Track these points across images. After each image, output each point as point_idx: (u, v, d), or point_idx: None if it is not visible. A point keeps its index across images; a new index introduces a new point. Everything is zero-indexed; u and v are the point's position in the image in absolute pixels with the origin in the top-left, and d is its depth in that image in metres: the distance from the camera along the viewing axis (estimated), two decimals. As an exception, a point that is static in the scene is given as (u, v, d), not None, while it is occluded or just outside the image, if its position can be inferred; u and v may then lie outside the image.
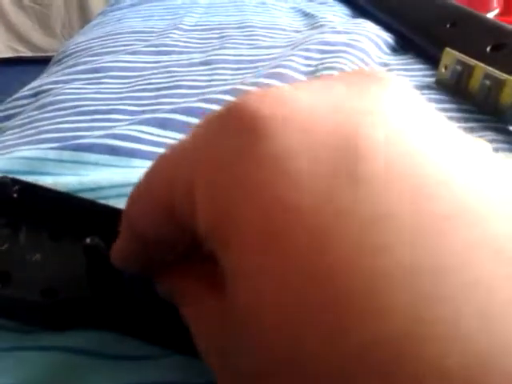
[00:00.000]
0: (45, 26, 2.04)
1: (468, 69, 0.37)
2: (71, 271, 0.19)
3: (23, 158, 0.30)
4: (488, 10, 0.52)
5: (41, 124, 0.36)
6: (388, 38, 0.49)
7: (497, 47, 0.39)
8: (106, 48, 0.50)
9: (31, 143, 0.34)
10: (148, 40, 0.51)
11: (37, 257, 0.20)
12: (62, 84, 0.43)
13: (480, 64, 0.37)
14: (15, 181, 0.22)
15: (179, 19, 0.57)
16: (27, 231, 0.21)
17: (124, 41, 0.52)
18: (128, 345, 0.19)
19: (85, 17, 1.94)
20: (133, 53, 0.48)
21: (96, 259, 0.18)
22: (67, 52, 0.53)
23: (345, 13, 0.59)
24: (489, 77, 0.36)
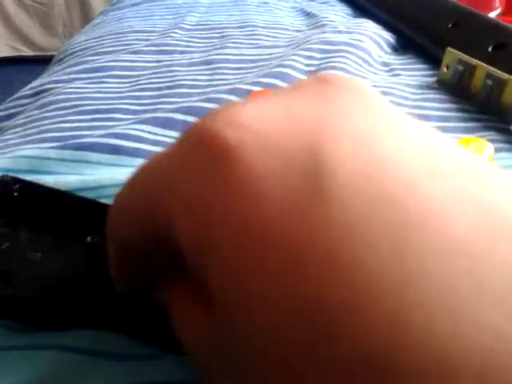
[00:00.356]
0: (46, 26, 2.04)
1: (470, 68, 0.37)
2: (72, 270, 0.19)
3: (24, 157, 0.30)
4: (490, 10, 0.52)
5: (42, 123, 0.36)
6: (389, 38, 0.49)
7: (499, 47, 0.39)
8: (107, 47, 0.50)
9: (32, 142, 0.34)
10: (149, 39, 0.51)
11: (37, 256, 0.20)
12: (63, 83, 0.43)
13: (482, 64, 0.37)
14: (16, 179, 0.22)
15: (180, 19, 0.57)
16: (28, 230, 0.21)
17: (125, 40, 0.52)
18: (129, 344, 0.19)
19: (86, 16, 1.94)
20: (134, 52, 0.48)
21: (96, 258, 0.18)
22: (68, 51, 0.53)
23: (346, 12, 0.58)
24: (491, 76, 0.36)
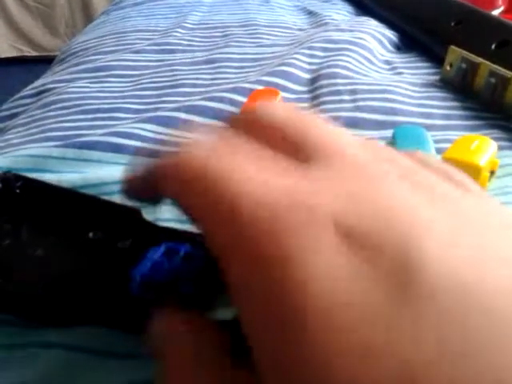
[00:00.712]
0: (48, 26, 2.05)
1: (473, 66, 0.37)
2: (74, 266, 0.19)
3: (27, 156, 0.30)
4: (493, 8, 0.52)
5: (44, 122, 0.36)
6: (392, 36, 0.49)
7: (502, 44, 0.39)
8: (109, 47, 0.50)
9: (35, 141, 0.34)
10: (151, 39, 0.51)
11: (39, 252, 0.20)
12: (66, 83, 0.43)
13: (485, 61, 0.36)
14: (18, 177, 0.22)
15: (183, 18, 0.57)
16: (29, 227, 0.21)
17: (127, 39, 0.52)
18: (131, 341, 0.19)
19: (88, 16, 1.95)
20: (136, 51, 0.48)
21: (99, 254, 0.18)
22: (70, 51, 0.53)
23: (348, 11, 0.58)
24: (494, 74, 0.35)
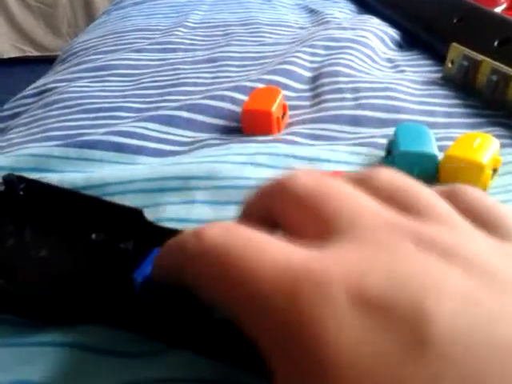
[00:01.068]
0: (50, 26, 2.05)
1: (475, 64, 0.37)
2: (76, 267, 0.19)
3: (29, 156, 0.30)
4: (495, 5, 0.51)
5: (46, 122, 0.37)
6: (394, 34, 0.49)
7: (504, 42, 0.39)
8: (111, 46, 0.50)
9: (36, 141, 0.34)
10: (153, 38, 0.51)
11: (42, 253, 0.20)
12: (67, 82, 0.43)
13: (487, 59, 0.36)
14: (21, 178, 0.22)
15: (184, 17, 0.57)
16: (32, 227, 0.21)
17: (129, 39, 0.52)
18: (133, 341, 0.19)
19: (90, 16, 1.95)
20: (137, 51, 0.48)
21: (101, 255, 0.18)
22: (72, 51, 0.53)
23: (350, 9, 0.58)
24: (496, 72, 0.35)
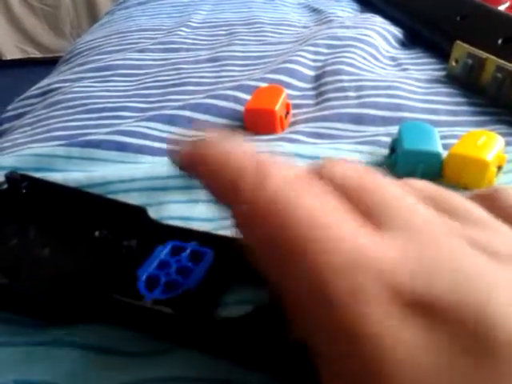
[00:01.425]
0: (53, 27, 2.05)
1: (480, 62, 0.37)
2: (80, 265, 0.19)
3: (32, 155, 0.30)
4: (499, 3, 0.51)
5: (50, 122, 0.37)
6: (397, 32, 0.49)
7: (508, 40, 0.39)
8: (114, 46, 0.51)
9: (40, 141, 0.34)
10: (156, 38, 0.51)
11: (45, 251, 0.20)
12: (71, 82, 0.43)
13: (492, 57, 0.36)
14: (24, 176, 0.22)
15: (187, 17, 0.57)
16: (36, 226, 0.21)
17: (132, 39, 0.52)
18: (136, 340, 0.19)
19: (93, 17, 1.95)
20: (140, 50, 0.48)
21: (105, 253, 0.18)
22: (75, 51, 0.53)
23: (353, 7, 0.58)
24: (501, 70, 0.35)
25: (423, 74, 0.41)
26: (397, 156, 0.28)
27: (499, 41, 0.39)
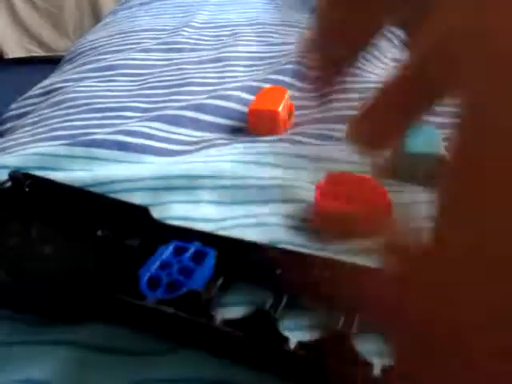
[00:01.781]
0: (57, 27, 2.06)
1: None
2: (82, 264, 0.19)
3: (35, 155, 0.30)
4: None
5: (52, 122, 0.37)
6: (400, 33, 0.49)
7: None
8: (117, 46, 0.51)
9: (43, 140, 0.34)
10: (159, 38, 0.52)
11: (48, 250, 0.20)
12: (73, 82, 0.43)
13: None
14: (27, 175, 0.22)
15: (190, 17, 0.57)
16: (38, 225, 0.21)
17: (135, 39, 0.52)
18: (137, 339, 0.19)
19: (96, 16, 1.95)
20: (144, 50, 0.48)
21: (107, 252, 0.18)
22: (78, 50, 0.53)
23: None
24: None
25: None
26: (399, 158, 0.28)
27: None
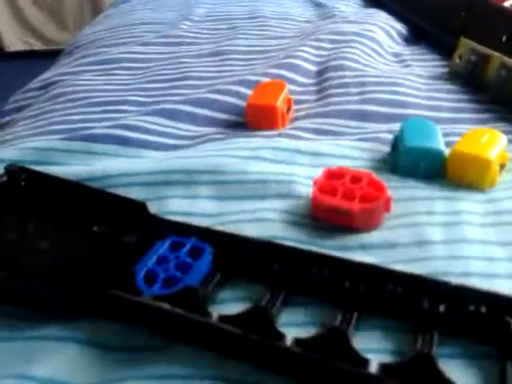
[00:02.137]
0: (57, 19, 2.05)
1: (484, 58, 0.37)
2: (78, 260, 0.19)
3: (33, 149, 0.30)
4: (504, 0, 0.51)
5: (51, 115, 0.36)
6: (401, 28, 0.48)
7: (513, 37, 0.38)
8: (116, 39, 0.50)
9: (42, 134, 0.34)
10: (158, 31, 0.51)
11: (44, 245, 0.20)
12: (72, 75, 0.43)
13: (496, 53, 0.36)
14: (23, 169, 0.22)
15: (189, 10, 0.57)
16: (35, 220, 0.21)
17: (134, 32, 0.52)
18: (134, 336, 0.19)
19: (97, 10, 1.94)
20: (143, 44, 0.48)
21: (103, 248, 0.18)
22: (77, 44, 0.53)
23: (357, 3, 0.58)
24: (505, 67, 0.35)
25: (426, 71, 0.41)
26: (399, 153, 0.28)
27: (503, 37, 0.39)
